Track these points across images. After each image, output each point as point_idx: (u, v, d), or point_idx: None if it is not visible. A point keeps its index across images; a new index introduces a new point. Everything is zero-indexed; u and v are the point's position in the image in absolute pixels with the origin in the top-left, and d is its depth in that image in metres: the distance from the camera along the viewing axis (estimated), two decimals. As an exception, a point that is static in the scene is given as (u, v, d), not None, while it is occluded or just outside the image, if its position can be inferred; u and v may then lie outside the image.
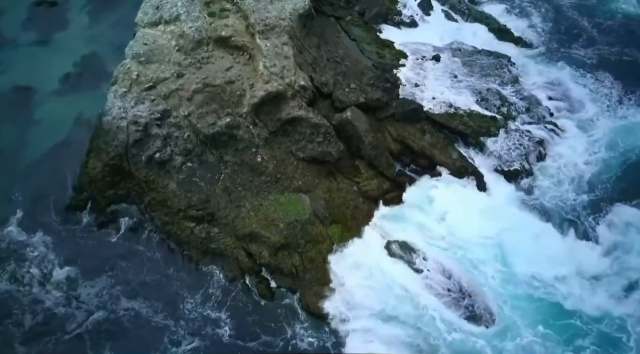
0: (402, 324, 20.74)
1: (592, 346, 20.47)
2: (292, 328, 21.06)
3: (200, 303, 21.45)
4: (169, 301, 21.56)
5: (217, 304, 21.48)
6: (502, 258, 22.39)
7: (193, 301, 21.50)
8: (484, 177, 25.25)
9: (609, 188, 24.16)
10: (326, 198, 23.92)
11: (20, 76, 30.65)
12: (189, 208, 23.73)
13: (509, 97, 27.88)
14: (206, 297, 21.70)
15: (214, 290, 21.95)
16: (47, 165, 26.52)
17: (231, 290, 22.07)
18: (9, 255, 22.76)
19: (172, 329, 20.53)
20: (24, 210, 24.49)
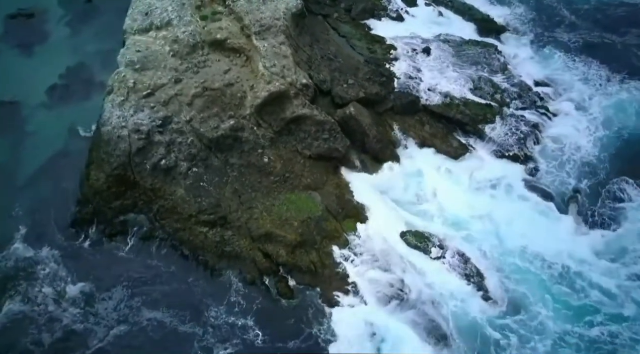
0: (422, 309, 20.92)
1: (600, 319, 21.00)
2: (319, 325, 20.98)
3: (224, 308, 21.31)
4: (191, 308, 21.35)
5: (241, 307, 21.39)
6: (506, 236, 22.92)
7: (216, 306, 21.34)
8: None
9: (609, 166, 24.93)
10: (337, 194, 24.08)
11: (3, 90, 29.89)
12: (200, 213, 23.51)
13: (500, 85, 28.60)
14: (229, 301, 21.57)
15: (235, 293, 21.85)
16: (45, 179, 25.98)
17: (252, 292, 22.00)
18: (18, 273, 22.21)
19: (200, 337, 20.35)
20: (27, 226, 23.94)
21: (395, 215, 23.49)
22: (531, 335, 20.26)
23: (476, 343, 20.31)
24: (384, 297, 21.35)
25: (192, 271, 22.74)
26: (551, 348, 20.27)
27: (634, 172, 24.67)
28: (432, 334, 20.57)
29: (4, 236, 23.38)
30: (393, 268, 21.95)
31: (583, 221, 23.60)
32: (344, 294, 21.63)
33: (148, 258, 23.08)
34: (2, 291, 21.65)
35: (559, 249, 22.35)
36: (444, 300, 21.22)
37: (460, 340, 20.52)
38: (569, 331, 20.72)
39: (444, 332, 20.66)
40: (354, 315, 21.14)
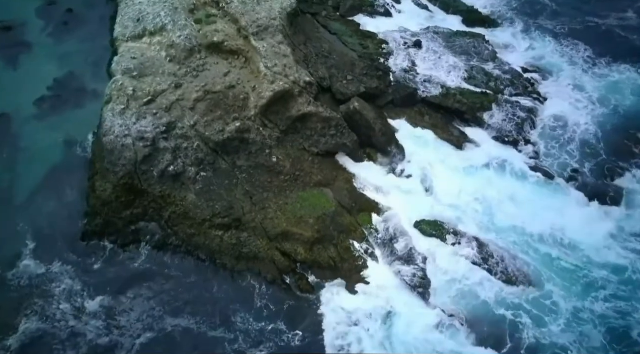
0: (443, 295, 21.34)
1: (606, 295, 21.75)
2: (339, 317, 21.17)
3: (249, 310, 21.35)
4: (216, 311, 21.34)
5: (267, 307, 21.44)
6: (514, 216, 23.69)
7: (241, 308, 21.37)
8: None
9: (606, 144, 25.92)
10: (347, 189, 24.30)
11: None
12: (214, 216, 23.40)
13: (492, 73, 29.33)
14: (253, 302, 21.64)
15: (258, 294, 21.88)
16: (46, 193, 25.38)
17: (274, 291, 22.00)
18: (32, 290, 21.71)
19: (230, 339, 20.25)
20: (34, 242, 23.40)
21: (409, 205, 23.80)
22: (546, 314, 20.76)
23: (496, 324, 20.69)
24: (406, 286, 21.58)
25: (211, 275, 22.62)
26: (565, 326, 20.80)
27: (631, 149, 25.58)
28: (453, 316, 20.93)
29: (12, 253, 22.83)
30: (412, 257, 22.25)
31: (586, 197, 24.29)
32: (365, 286, 21.75)
33: (164, 265, 22.84)
34: (16, 310, 21.11)
35: (566, 226, 23.05)
36: (462, 284, 21.58)
37: (479, 321, 20.89)
38: (580, 307, 21.33)
39: (464, 314, 21.06)
40: (376, 306, 21.26)
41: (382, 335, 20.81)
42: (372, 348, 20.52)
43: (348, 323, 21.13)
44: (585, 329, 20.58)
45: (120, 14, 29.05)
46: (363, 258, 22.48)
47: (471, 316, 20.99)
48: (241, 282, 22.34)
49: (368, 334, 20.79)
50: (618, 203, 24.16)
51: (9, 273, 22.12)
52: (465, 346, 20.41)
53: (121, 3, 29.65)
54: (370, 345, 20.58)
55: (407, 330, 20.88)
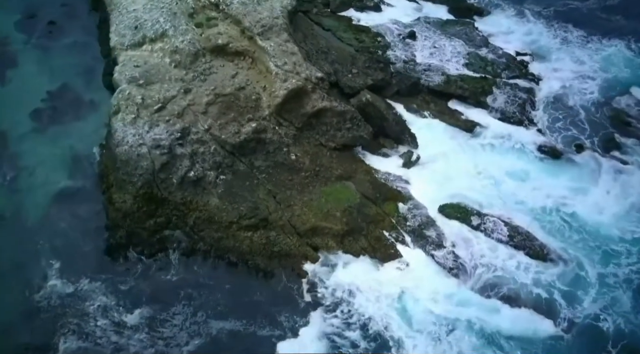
0: (478, 273, 22.05)
1: (628, 261, 22.85)
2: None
3: (290, 306, 21.42)
4: (259, 311, 21.47)
5: (307, 303, 21.44)
6: (531, 193, 24.74)
7: (282, 305, 21.48)
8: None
9: (607, 117, 27.29)
10: (369, 180, 24.68)
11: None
12: (241, 218, 23.46)
13: (487, 58, 30.31)
14: (292, 299, 21.77)
15: (296, 290, 21.89)
16: (60, 211, 24.87)
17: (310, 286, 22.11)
18: (64, 311, 21.32)
19: (278, 336, 20.26)
20: (58, 261, 22.88)
21: (430, 191, 24.43)
22: (576, 286, 21.79)
23: (530, 300, 21.60)
24: (441, 269, 22.18)
25: (245, 276, 22.73)
26: (596, 294, 21.76)
27: (632, 120, 27.09)
28: (489, 296, 21.66)
29: (37, 275, 22.37)
30: (442, 241, 22.88)
31: (595, 170, 25.48)
32: (401, 272, 22.22)
33: (196, 271, 22.79)
34: (52, 331, 20.70)
35: (581, 200, 24.15)
36: (492, 263, 22.32)
37: (514, 299, 21.71)
38: (605, 274, 22.35)
39: (498, 292, 21.77)
40: (414, 289, 21.82)
41: (422, 317, 21.31)
42: (414, 328, 21.03)
43: (389, 308, 21.54)
44: (614, 295, 21.57)
45: (114, 23, 28.62)
46: (395, 247, 22.95)
47: (505, 294, 21.68)
48: (277, 280, 22.47)
49: (409, 317, 21.25)
50: (625, 173, 25.39)
51: (36, 295, 21.66)
52: (503, 325, 21.04)
53: (113, 12, 29.21)
54: (412, 326, 21.09)
55: (446, 310, 21.45)
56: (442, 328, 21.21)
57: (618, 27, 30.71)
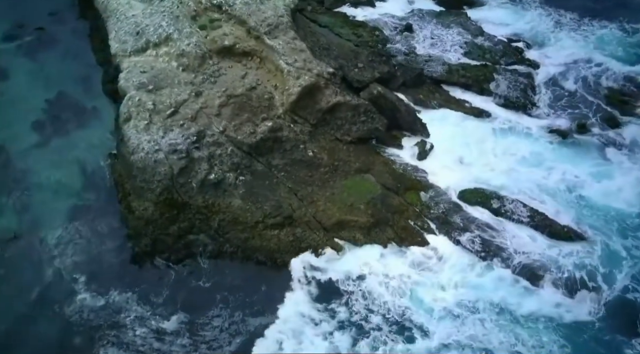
0: (504, 255, 22.79)
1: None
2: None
3: (333, 299, 21.74)
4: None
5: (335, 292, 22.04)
6: (542, 173, 25.69)
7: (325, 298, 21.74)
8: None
9: (607, 95, 28.64)
10: (388, 171, 25.19)
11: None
12: (266, 217, 23.66)
13: (484, 46, 31.19)
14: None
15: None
16: (77, 224, 24.64)
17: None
18: (99, 323, 21.21)
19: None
20: (83, 275, 22.70)
21: (449, 178, 25.10)
22: (605, 263, 22.61)
23: (561, 280, 22.34)
24: (469, 253, 22.84)
25: (276, 273, 22.81)
26: (629, 268, 22.57)
27: (629, 98, 28.35)
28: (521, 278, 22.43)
29: (64, 290, 22.18)
30: (467, 226, 23.52)
31: (601, 149, 26.61)
32: (430, 260, 22.80)
33: (225, 273, 22.95)
34: (90, 345, 20.63)
35: (594, 178, 25.24)
36: (519, 246, 23.06)
37: (544, 279, 22.43)
38: (630, 247, 23.19)
39: (531, 273, 22.49)
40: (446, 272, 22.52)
41: (450, 300, 21.95)
42: (442, 312, 21.71)
43: (416, 294, 22.13)
44: (640, 270, 22.55)
45: (112, 30, 28.39)
46: (422, 235, 23.49)
47: (532, 274, 22.39)
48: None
49: (437, 301, 21.94)
50: (629, 150, 26.61)
51: (67, 310, 21.52)
52: (532, 306, 21.70)
53: (110, 18, 28.96)
54: (450, 307, 21.80)
55: (477, 292, 22.14)
56: (470, 310, 21.83)
57: (609, 8, 31.95)
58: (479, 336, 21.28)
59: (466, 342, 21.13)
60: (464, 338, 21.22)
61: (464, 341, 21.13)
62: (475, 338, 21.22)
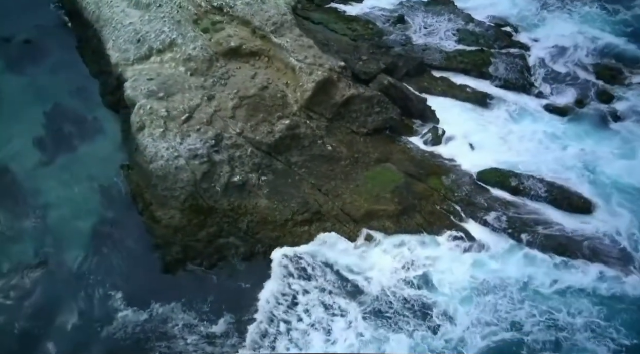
0: (531, 231, 23.85)
1: None
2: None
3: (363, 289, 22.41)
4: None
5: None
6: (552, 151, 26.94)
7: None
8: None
9: (599, 69, 30.36)
10: (407, 158, 25.90)
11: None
12: (295, 214, 23.99)
13: (476, 31, 32.36)
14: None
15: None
16: (100, 240, 24.07)
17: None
18: (147, 336, 20.98)
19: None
20: (119, 291, 22.32)
21: (466, 162, 25.99)
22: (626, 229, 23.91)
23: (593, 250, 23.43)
24: (496, 231, 23.77)
25: (311, 267, 23.16)
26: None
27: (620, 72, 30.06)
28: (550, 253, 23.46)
29: (103, 309, 21.76)
30: (491, 206, 24.43)
31: (600, 121, 28.12)
32: (461, 241, 23.62)
33: (263, 272, 22.93)
34: (142, 358, 20.37)
35: (604, 149, 26.71)
36: (543, 221, 24.13)
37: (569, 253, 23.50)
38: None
39: (559, 248, 23.46)
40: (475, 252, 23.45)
41: (486, 275, 22.77)
42: (475, 291, 22.43)
43: (450, 275, 22.88)
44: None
45: (109, 39, 28.17)
46: (449, 218, 24.26)
47: (560, 249, 23.28)
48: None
49: (471, 280, 22.66)
50: (628, 120, 28.23)
51: (110, 327, 21.17)
52: (564, 280, 22.59)
53: (105, 28, 28.73)
54: (473, 289, 22.49)
55: (506, 269, 23.07)
56: (498, 289, 22.67)
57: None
58: (509, 313, 22.04)
59: (495, 320, 21.78)
60: (493, 317, 21.89)
61: (492, 321, 21.76)
62: (505, 315, 21.91)
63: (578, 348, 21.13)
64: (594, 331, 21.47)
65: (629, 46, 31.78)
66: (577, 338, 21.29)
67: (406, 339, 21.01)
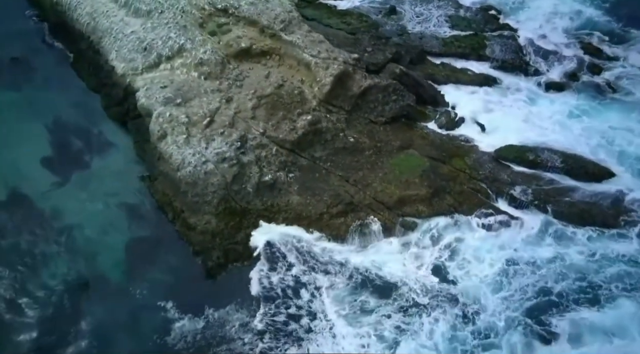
0: (553, 201, 25.18)
1: None
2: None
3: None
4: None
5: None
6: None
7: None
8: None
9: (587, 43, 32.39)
10: (428, 143, 26.81)
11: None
12: (329, 207, 24.47)
13: (467, 17, 33.73)
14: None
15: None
16: (137, 255, 24.00)
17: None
18: (208, 342, 21.18)
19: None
20: (169, 301, 22.28)
21: (482, 143, 27.13)
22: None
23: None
24: (522, 203, 25.00)
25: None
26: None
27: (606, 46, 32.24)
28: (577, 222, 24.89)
29: (157, 321, 21.76)
30: (515, 180, 25.60)
31: (596, 91, 29.95)
32: (492, 219, 24.71)
33: (326, 268, 23.41)
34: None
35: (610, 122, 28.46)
36: (565, 189, 25.56)
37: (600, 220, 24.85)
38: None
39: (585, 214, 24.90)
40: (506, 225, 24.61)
41: (518, 251, 23.93)
42: (516, 262, 23.65)
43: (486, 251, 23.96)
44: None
45: (112, 50, 27.97)
46: (477, 196, 25.29)
47: (586, 215, 24.70)
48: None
49: (511, 253, 23.85)
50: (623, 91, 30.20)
51: (169, 338, 21.22)
52: (600, 243, 24.04)
53: (104, 39, 28.53)
54: (515, 260, 23.71)
55: (535, 240, 24.35)
56: (538, 261, 23.65)
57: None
58: (538, 285, 23.16)
59: (525, 295, 22.81)
60: (521, 291, 22.95)
61: (522, 296, 22.80)
62: (536, 287, 23.01)
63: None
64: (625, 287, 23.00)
65: (607, 18, 34.03)
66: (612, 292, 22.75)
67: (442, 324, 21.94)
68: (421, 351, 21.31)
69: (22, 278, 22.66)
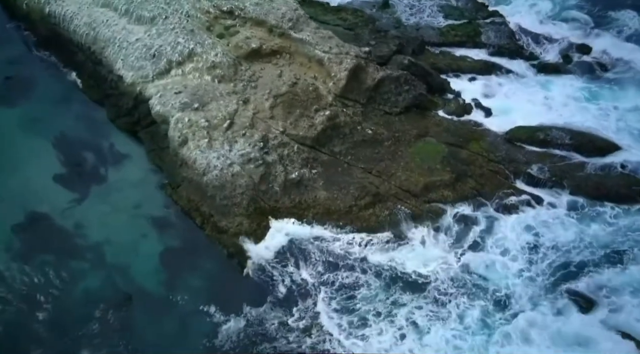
0: (569, 177, 26.34)
1: None
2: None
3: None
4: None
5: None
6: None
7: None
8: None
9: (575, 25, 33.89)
10: (443, 130, 27.56)
11: (17, 208, 25.35)
12: (357, 199, 24.92)
13: (459, 6, 34.82)
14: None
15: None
16: (172, 264, 24.09)
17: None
18: (255, 340, 21.55)
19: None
20: (211, 305, 22.50)
21: (492, 126, 28.08)
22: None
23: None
24: (539, 182, 26.06)
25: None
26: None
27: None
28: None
29: (202, 327, 21.99)
30: (530, 160, 26.61)
31: (594, 69, 31.40)
32: (513, 197, 25.68)
33: (349, 264, 23.78)
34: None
35: (601, 93, 30.00)
36: (581, 166, 26.71)
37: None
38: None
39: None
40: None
41: (546, 223, 24.96)
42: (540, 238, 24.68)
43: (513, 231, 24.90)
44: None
45: (117, 59, 27.77)
46: (496, 177, 26.18)
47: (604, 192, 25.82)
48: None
49: (536, 227, 24.87)
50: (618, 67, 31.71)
51: (216, 341, 21.43)
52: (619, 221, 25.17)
53: (107, 48, 28.26)
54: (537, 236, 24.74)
55: (558, 217, 25.44)
56: (562, 238, 24.58)
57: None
58: (566, 261, 24.04)
59: (555, 272, 23.75)
60: (550, 267, 23.85)
61: (551, 273, 23.71)
62: (564, 263, 23.94)
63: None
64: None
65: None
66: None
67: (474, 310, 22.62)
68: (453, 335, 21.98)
69: (59, 299, 22.43)
